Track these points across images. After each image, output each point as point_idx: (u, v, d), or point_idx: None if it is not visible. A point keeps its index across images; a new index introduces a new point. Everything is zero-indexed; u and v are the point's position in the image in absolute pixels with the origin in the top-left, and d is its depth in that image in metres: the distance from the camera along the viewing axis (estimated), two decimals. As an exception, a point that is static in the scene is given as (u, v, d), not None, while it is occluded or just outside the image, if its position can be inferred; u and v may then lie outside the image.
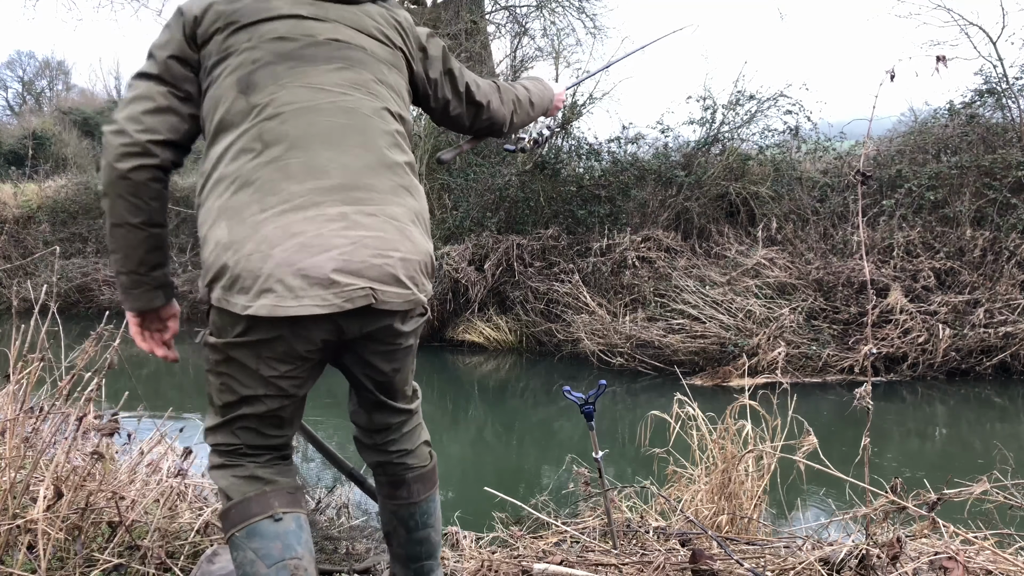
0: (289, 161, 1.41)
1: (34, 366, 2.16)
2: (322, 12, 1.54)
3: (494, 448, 6.53)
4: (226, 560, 1.87)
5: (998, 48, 9.83)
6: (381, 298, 1.42)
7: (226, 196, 1.42)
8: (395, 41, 1.64)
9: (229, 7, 1.49)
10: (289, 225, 1.37)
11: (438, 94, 1.80)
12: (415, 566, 1.82)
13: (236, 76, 1.46)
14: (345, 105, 1.49)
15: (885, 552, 1.98)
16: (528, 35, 13.35)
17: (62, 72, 33.94)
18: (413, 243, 1.49)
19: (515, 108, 2.00)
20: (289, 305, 1.35)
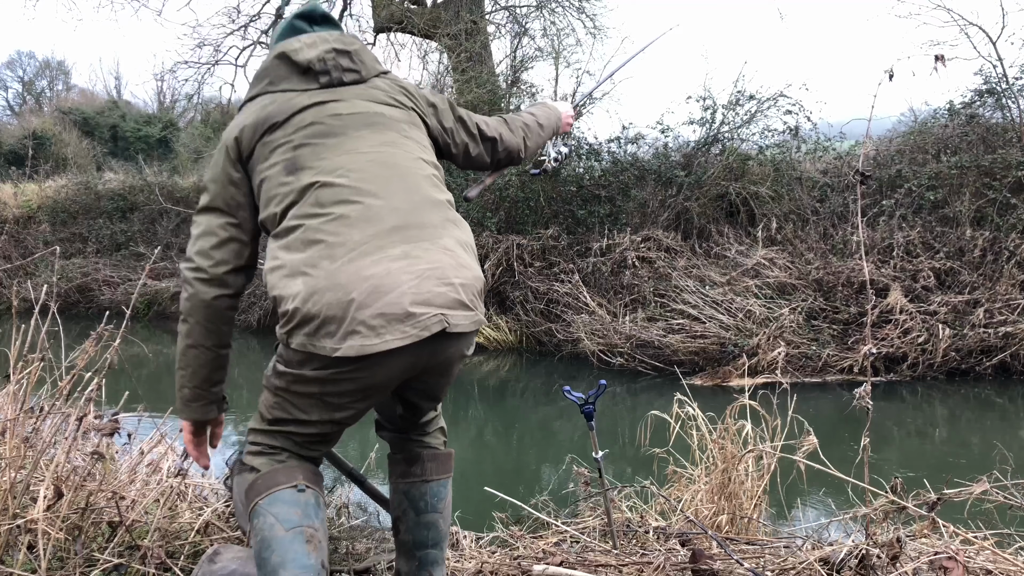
0: (348, 215, 1.56)
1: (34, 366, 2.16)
2: (338, 95, 1.74)
3: (494, 448, 6.53)
4: (227, 559, 1.87)
5: (998, 48, 9.85)
6: (452, 322, 1.56)
7: (297, 256, 1.55)
8: (406, 103, 1.83)
9: (261, 115, 1.70)
10: (359, 270, 1.50)
11: (456, 140, 1.97)
12: (420, 553, 1.86)
13: (282, 164, 1.65)
14: (383, 160, 1.67)
15: (885, 552, 1.98)
16: (528, 35, 13.35)
17: (62, 72, 33.96)
18: (468, 269, 1.64)
19: (526, 134, 2.17)
20: (374, 343, 1.48)
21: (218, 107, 18.21)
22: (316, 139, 1.66)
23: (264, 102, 1.73)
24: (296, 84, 1.74)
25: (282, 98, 1.72)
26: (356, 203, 1.58)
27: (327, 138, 1.66)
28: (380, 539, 2.84)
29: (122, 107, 28.13)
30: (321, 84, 1.74)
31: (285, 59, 1.76)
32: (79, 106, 26.70)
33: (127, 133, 24.55)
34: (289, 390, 1.62)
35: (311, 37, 1.78)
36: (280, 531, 1.56)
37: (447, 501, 1.91)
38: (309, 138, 1.66)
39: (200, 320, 1.69)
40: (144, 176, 15.35)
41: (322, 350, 1.50)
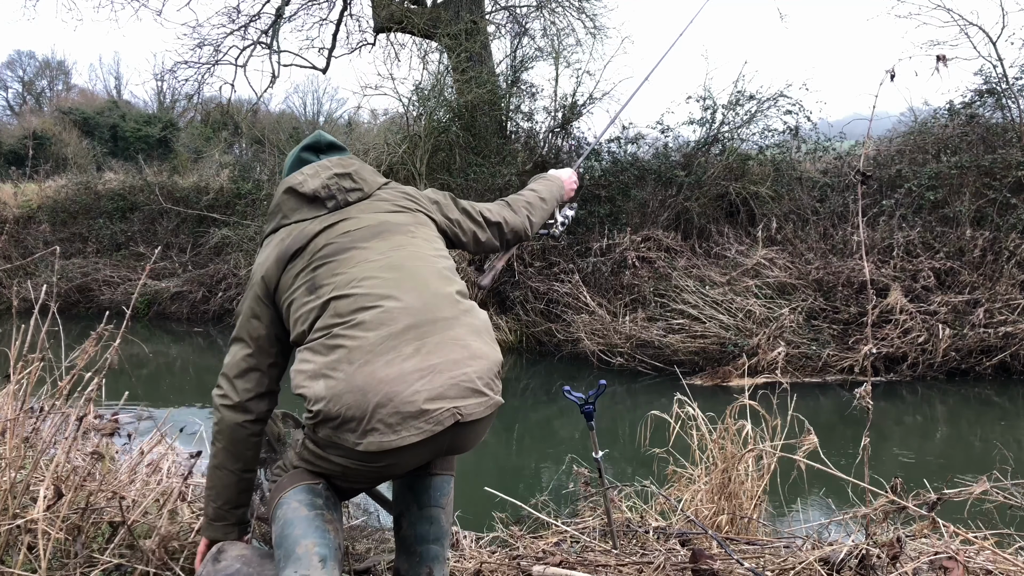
0: (363, 319, 1.68)
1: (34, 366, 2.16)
2: (346, 215, 1.89)
3: (494, 448, 6.53)
4: (232, 558, 1.87)
5: (998, 48, 9.84)
6: (465, 412, 1.65)
7: (320, 359, 1.67)
8: (410, 207, 1.97)
9: (281, 248, 1.86)
10: (374, 372, 1.61)
11: (464, 229, 2.11)
12: (421, 548, 1.88)
13: (304, 287, 1.80)
14: (392, 263, 1.79)
15: (885, 552, 1.98)
16: (528, 35, 13.33)
17: (62, 72, 33.97)
18: (480, 357, 1.72)
19: (529, 212, 2.31)
20: (391, 439, 1.59)
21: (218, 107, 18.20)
22: (330, 257, 1.80)
23: (282, 235, 1.89)
24: (307, 213, 1.89)
25: (296, 228, 1.87)
26: (372, 308, 1.70)
27: (340, 255, 1.80)
28: (380, 539, 2.84)
29: (122, 107, 28.14)
30: (329, 209, 1.89)
31: (293, 193, 1.92)
32: (79, 106, 26.69)
33: (127, 133, 24.54)
34: (315, 463, 1.78)
35: (312, 168, 1.94)
36: (303, 511, 1.72)
37: (450, 498, 1.95)
38: (324, 258, 1.81)
39: (226, 444, 1.85)
40: (144, 176, 15.34)
41: (345, 442, 1.63)
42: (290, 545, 1.66)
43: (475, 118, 11.32)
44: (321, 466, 1.77)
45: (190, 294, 12.34)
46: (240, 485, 1.89)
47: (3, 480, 1.98)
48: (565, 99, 11.18)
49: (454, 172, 11.10)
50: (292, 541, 1.67)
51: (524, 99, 11.59)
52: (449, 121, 11.57)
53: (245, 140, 20.98)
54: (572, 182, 2.55)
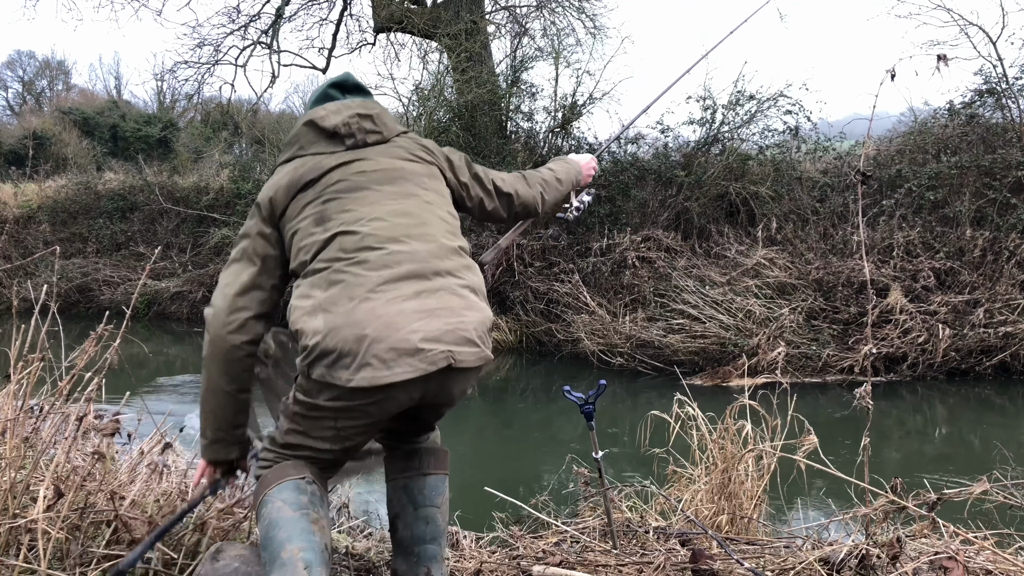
0: (368, 258, 1.70)
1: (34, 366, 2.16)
2: (363, 155, 1.89)
3: (494, 448, 6.53)
4: (230, 558, 1.87)
5: (998, 48, 9.84)
6: (459, 358, 1.66)
7: (318, 294, 1.68)
8: (426, 158, 1.97)
9: (294, 176, 1.85)
10: (374, 309, 1.63)
11: (471, 194, 2.10)
12: (418, 548, 1.87)
13: (312, 217, 1.80)
14: (402, 210, 1.81)
15: (885, 552, 1.98)
16: (528, 35, 13.34)
17: (62, 72, 33.95)
18: (478, 311, 1.75)
19: (543, 189, 2.28)
20: (384, 375, 1.59)
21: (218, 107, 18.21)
22: (342, 194, 1.81)
23: (296, 164, 1.88)
24: (324, 148, 1.89)
25: (312, 160, 1.87)
26: (377, 249, 1.71)
27: (352, 192, 1.81)
28: (380, 539, 2.84)
29: (122, 107, 28.11)
30: (347, 146, 1.89)
31: (313, 126, 1.91)
32: (79, 106, 26.68)
33: (127, 133, 24.54)
34: (306, 417, 1.73)
35: (335, 105, 1.93)
36: (288, 512, 1.68)
37: (445, 497, 1.95)
38: (336, 193, 1.81)
39: (221, 366, 1.80)
40: (144, 176, 15.35)
41: (337, 380, 1.61)
42: (275, 549, 1.63)
43: (475, 118, 11.32)
44: (312, 426, 1.73)
45: (190, 294, 12.34)
46: (236, 406, 1.86)
47: (3, 480, 1.98)
48: (565, 99, 11.19)
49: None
50: (277, 545, 1.64)
51: (524, 99, 11.59)
52: (449, 121, 11.56)
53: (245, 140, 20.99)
54: (590, 168, 2.52)
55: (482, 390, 8.42)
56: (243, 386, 1.85)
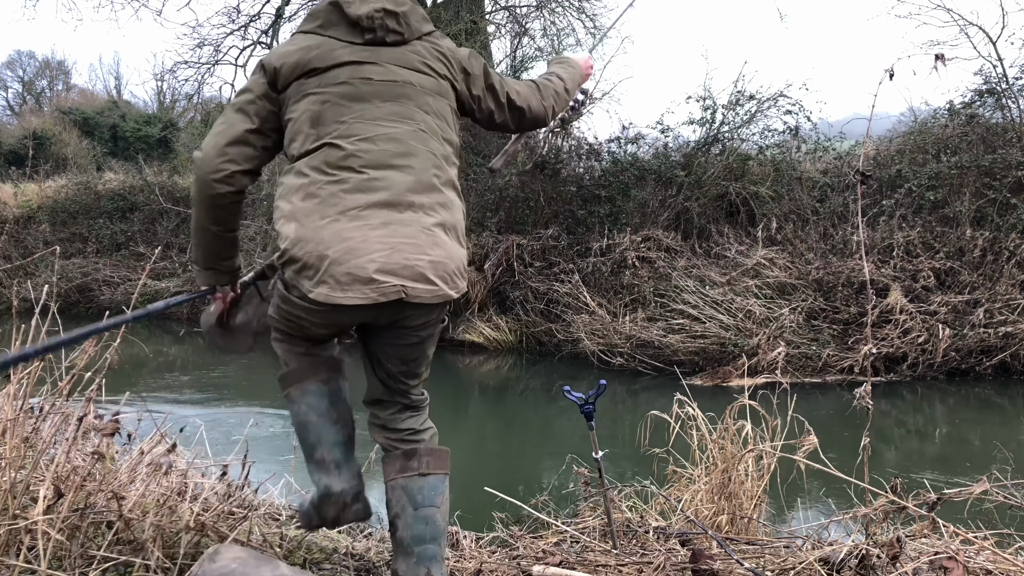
0: (347, 180, 1.76)
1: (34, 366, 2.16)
2: (375, 56, 1.87)
3: (494, 448, 6.53)
4: (227, 559, 1.87)
5: (998, 48, 9.85)
6: (411, 293, 1.74)
7: (296, 202, 1.77)
8: (439, 71, 1.95)
9: (304, 57, 1.84)
10: (341, 231, 1.72)
11: (482, 107, 2.08)
12: (419, 548, 1.87)
13: (309, 114, 1.82)
14: (394, 135, 1.82)
15: (885, 552, 1.98)
16: (528, 35, 13.34)
17: (62, 72, 33.94)
18: (444, 249, 1.81)
19: (555, 101, 2.25)
20: (338, 296, 1.71)
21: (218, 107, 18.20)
22: (342, 100, 1.82)
23: (310, 43, 1.86)
24: (343, 34, 1.87)
25: (327, 45, 1.85)
26: (358, 172, 1.77)
27: (353, 102, 1.82)
28: (381, 539, 2.84)
29: (122, 107, 28.10)
30: (365, 41, 1.87)
31: (338, 8, 1.87)
32: (79, 106, 26.68)
33: (127, 133, 24.53)
34: (282, 302, 1.88)
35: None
36: (313, 416, 1.91)
37: (444, 496, 1.95)
38: (337, 97, 1.81)
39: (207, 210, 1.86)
40: (144, 176, 15.35)
41: (300, 287, 1.75)
42: (308, 449, 1.90)
43: (475, 118, 11.32)
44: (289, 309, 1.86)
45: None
46: (224, 242, 1.94)
47: (3, 480, 1.98)
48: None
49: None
50: (309, 446, 1.90)
51: (524, 99, 11.59)
52: (449, 121, 11.57)
53: (245, 140, 20.88)
54: (589, 66, 2.51)
55: (482, 390, 8.43)
56: (228, 227, 1.92)
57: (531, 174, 10.54)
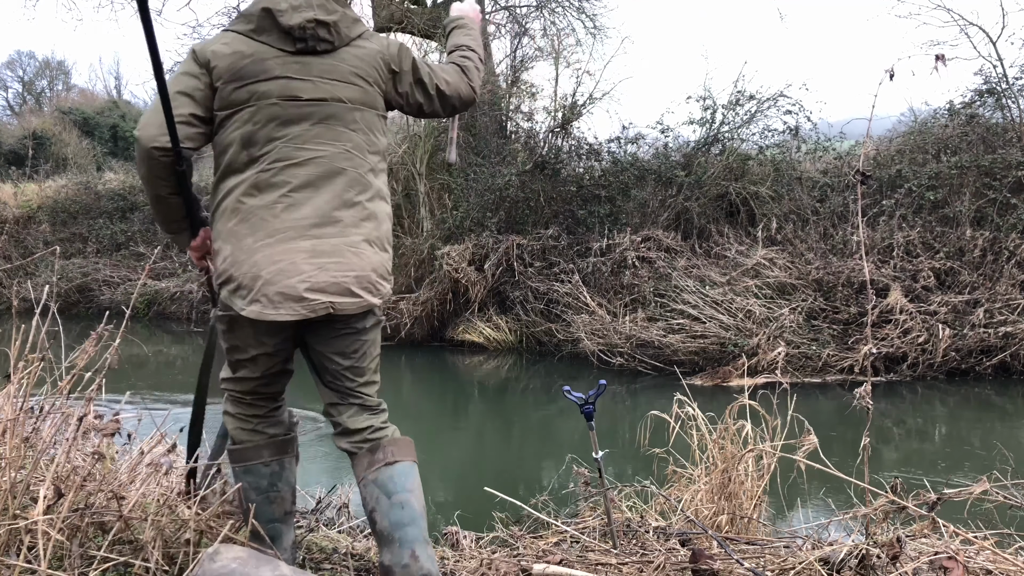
0: (276, 203, 1.90)
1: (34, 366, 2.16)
2: (305, 70, 1.94)
3: (494, 448, 6.53)
4: (227, 559, 1.87)
5: (998, 48, 9.85)
6: (339, 307, 1.91)
7: (230, 224, 1.91)
8: (368, 78, 2.02)
9: (237, 64, 1.91)
10: (272, 255, 1.87)
11: (410, 101, 2.14)
12: (399, 533, 1.91)
13: (240, 132, 1.91)
14: (320, 158, 1.93)
15: (885, 552, 1.98)
16: (528, 35, 13.34)
17: (62, 72, 33.93)
18: (367, 261, 1.95)
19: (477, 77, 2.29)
20: (270, 313, 1.87)
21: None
22: (272, 122, 1.91)
23: (243, 48, 1.92)
24: (275, 41, 1.93)
25: (259, 54, 1.92)
26: (286, 196, 1.90)
27: (282, 126, 1.91)
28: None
29: (122, 107, 28.09)
30: (296, 49, 1.93)
31: (270, 15, 1.92)
32: (79, 106, 26.67)
33: (127, 133, 24.52)
34: (231, 329, 2.00)
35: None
36: (253, 495, 2.04)
37: (415, 482, 2.01)
38: (267, 118, 1.91)
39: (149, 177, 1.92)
40: (144, 176, 15.33)
41: (234, 305, 1.90)
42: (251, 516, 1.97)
43: (475, 118, 11.32)
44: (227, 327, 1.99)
45: (190, 294, 12.34)
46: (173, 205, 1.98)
47: (3, 480, 1.98)
48: (565, 99, 11.19)
49: (454, 172, 11.11)
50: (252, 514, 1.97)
51: (524, 99, 11.59)
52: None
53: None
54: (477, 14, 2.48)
55: (482, 390, 8.43)
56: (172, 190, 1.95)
57: (531, 174, 10.54)
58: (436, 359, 9.65)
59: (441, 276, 9.91)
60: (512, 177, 10.31)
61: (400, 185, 11.63)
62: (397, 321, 10.01)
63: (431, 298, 9.96)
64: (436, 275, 10.04)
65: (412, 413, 7.49)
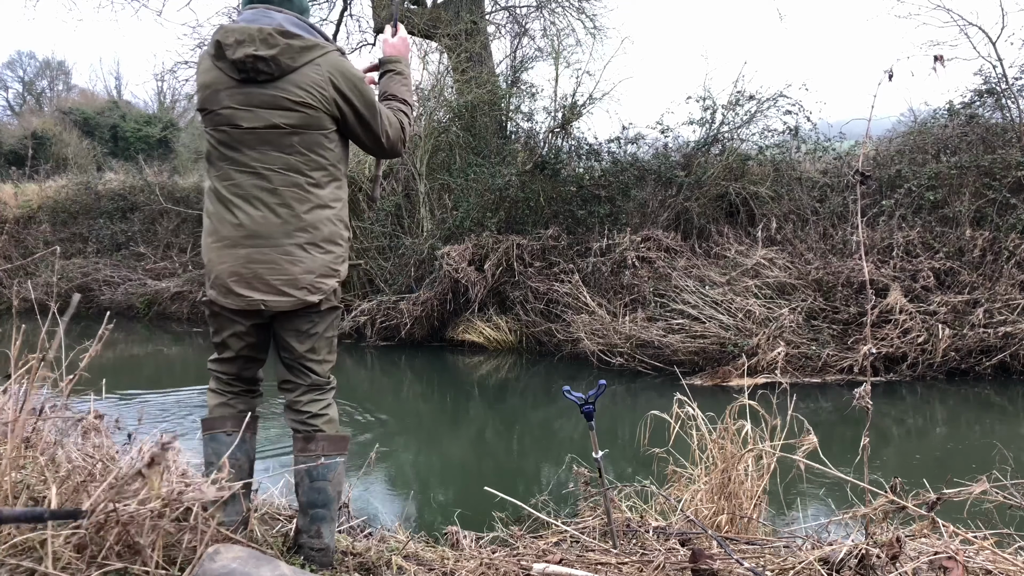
0: (224, 216, 2.28)
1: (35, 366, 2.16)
2: (247, 100, 2.23)
3: (494, 448, 6.53)
4: (227, 559, 1.87)
5: (998, 48, 9.84)
6: (270, 305, 2.27)
7: (205, 219, 2.37)
8: (309, 103, 2.24)
9: (202, 93, 2.29)
10: (221, 257, 2.28)
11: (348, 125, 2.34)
12: (312, 511, 2.37)
13: (207, 149, 2.34)
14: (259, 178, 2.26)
15: (885, 552, 1.98)
16: (528, 35, 13.35)
17: (62, 72, 33.93)
18: (300, 265, 2.28)
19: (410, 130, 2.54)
20: (221, 300, 2.31)
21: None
22: (222, 147, 2.27)
23: (208, 78, 2.27)
24: (227, 68, 2.24)
25: (215, 84, 2.25)
26: (231, 211, 2.27)
27: (229, 151, 2.27)
28: (380, 539, 2.84)
29: (122, 107, 28.10)
30: (241, 78, 2.22)
31: (220, 47, 2.22)
32: (79, 106, 26.66)
33: (127, 133, 24.54)
34: (209, 314, 2.42)
35: (243, 31, 2.19)
36: (213, 459, 2.33)
37: (337, 472, 2.40)
38: (219, 144, 2.28)
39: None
40: (144, 176, 15.33)
41: (205, 288, 2.35)
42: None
43: (475, 118, 11.32)
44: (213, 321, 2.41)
45: (190, 294, 12.33)
46: None
47: (3, 480, 1.98)
48: (565, 99, 11.19)
49: (454, 172, 11.11)
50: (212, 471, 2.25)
51: (524, 99, 11.59)
52: (449, 121, 11.56)
53: (245, 140, 20.87)
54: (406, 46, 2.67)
55: (482, 390, 8.43)
56: None
57: (531, 174, 10.54)
58: (436, 359, 9.64)
59: (441, 276, 9.90)
60: (512, 177, 10.30)
61: (400, 185, 11.63)
62: (397, 321, 10.01)
63: (431, 298, 9.95)
64: (436, 275, 10.03)
65: (412, 413, 7.49)
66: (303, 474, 2.36)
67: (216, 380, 2.48)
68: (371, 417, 6.79)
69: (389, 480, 5.13)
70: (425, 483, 5.31)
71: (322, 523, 2.37)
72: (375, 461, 3.64)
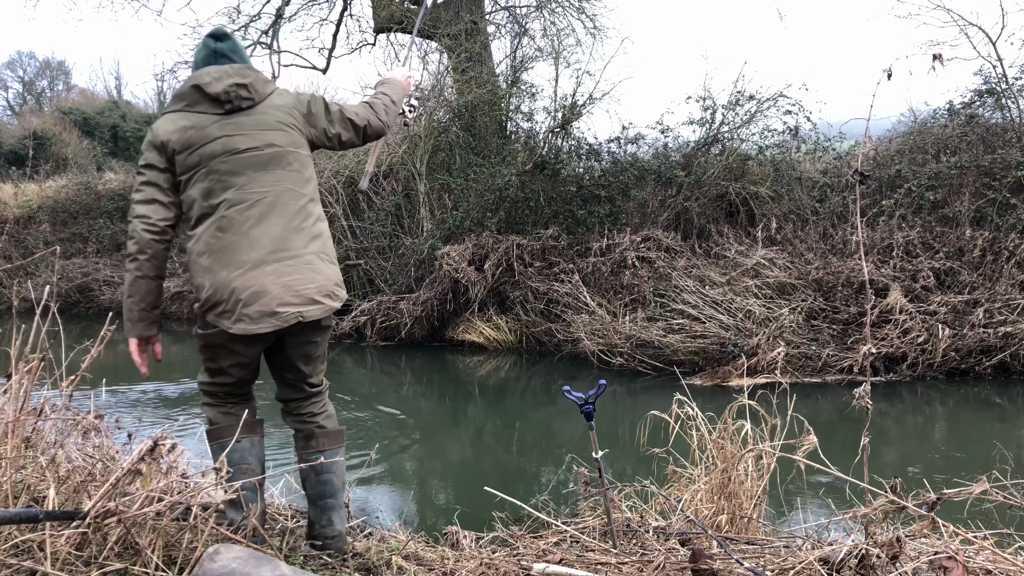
0: (239, 241, 2.31)
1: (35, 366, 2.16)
2: (238, 126, 2.35)
3: (494, 448, 6.53)
4: (228, 559, 1.87)
5: (997, 48, 9.83)
6: (307, 315, 2.34)
7: (206, 260, 2.32)
8: (288, 123, 2.44)
9: (184, 137, 2.32)
10: (246, 282, 2.29)
11: (329, 135, 2.55)
12: (321, 502, 2.51)
13: (200, 188, 2.33)
14: (266, 198, 2.35)
15: (885, 552, 1.98)
16: (528, 35, 13.34)
17: (62, 72, 33.93)
18: (322, 274, 2.39)
19: (385, 112, 2.73)
20: (253, 328, 2.30)
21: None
22: (224, 177, 2.33)
23: (185, 123, 2.33)
24: (207, 108, 2.35)
25: (199, 122, 2.33)
26: (246, 234, 2.31)
27: (231, 177, 2.33)
28: (380, 539, 2.84)
29: (122, 107, 28.09)
30: (226, 110, 2.35)
31: (199, 89, 2.34)
32: (79, 106, 26.66)
33: (127, 133, 24.53)
34: (209, 347, 2.43)
35: (217, 71, 2.35)
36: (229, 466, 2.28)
37: (338, 463, 2.54)
38: (220, 174, 2.32)
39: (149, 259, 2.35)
40: (144, 176, 15.32)
41: (222, 325, 2.31)
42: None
43: (475, 118, 11.32)
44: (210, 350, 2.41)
45: (190, 294, 12.33)
46: (157, 290, 2.41)
47: (3, 480, 1.98)
48: (565, 99, 11.18)
49: (454, 172, 11.11)
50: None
51: (524, 99, 11.58)
52: (449, 121, 11.56)
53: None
54: (408, 81, 2.98)
55: (482, 390, 8.43)
56: (162, 273, 2.42)
57: (531, 174, 10.54)
58: (436, 359, 9.64)
59: (441, 276, 9.90)
60: (512, 177, 10.30)
61: (400, 185, 11.62)
62: (397, 321, 10.01)
63: (431, 298, 9.95)
64: (436, 275, 10.03)
65: (412, 413, 7.49)
66: (308, 469, 2.48)
67: (210, 396, 2.53)
68: (371, 417, 6.79)
69: (389, 480, 5.13)
70: (425, 483, 5.31)
71: (332, 512, 2.51)
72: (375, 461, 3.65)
